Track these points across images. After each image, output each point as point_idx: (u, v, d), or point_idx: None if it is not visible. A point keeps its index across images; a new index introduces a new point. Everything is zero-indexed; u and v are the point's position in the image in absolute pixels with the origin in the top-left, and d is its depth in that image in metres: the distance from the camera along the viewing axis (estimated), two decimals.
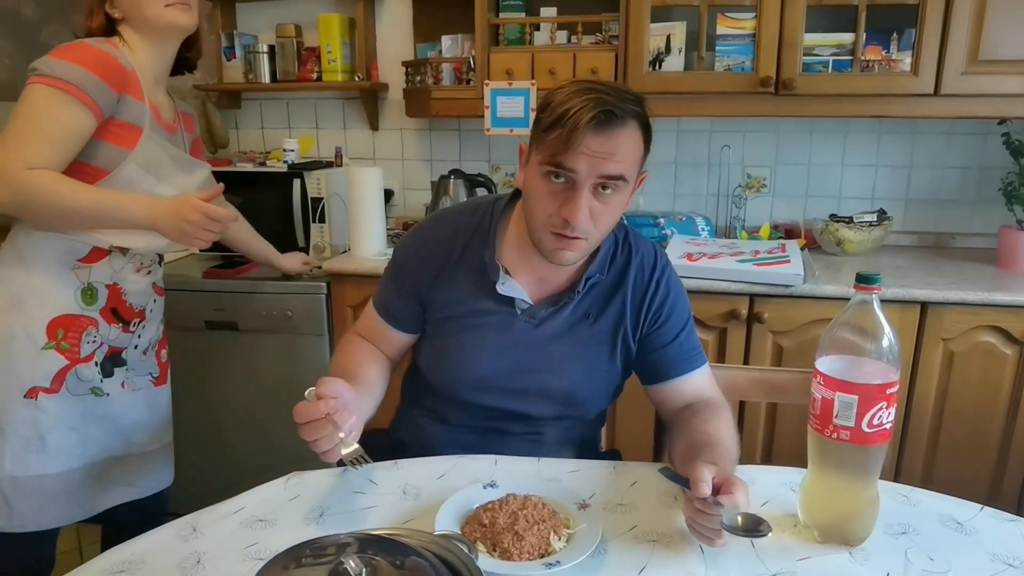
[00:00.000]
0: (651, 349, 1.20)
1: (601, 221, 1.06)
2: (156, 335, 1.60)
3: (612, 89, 1.02)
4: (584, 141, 0.99)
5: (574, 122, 0.98)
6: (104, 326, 1.45)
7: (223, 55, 2.58)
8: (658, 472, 1.01)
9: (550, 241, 1.07)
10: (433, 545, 0.71)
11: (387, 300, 1.24)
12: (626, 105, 1.01)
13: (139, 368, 1.55)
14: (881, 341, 0.89)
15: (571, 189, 1.03)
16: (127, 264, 1.47)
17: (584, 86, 1.02)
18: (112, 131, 1.35)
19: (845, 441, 0.90)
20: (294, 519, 0.98)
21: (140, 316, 1.53)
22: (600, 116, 0.98)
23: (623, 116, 1.01)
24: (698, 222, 2.34)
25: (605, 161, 1.01)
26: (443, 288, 1.18)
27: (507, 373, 1.17)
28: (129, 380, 1.52)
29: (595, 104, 0.99)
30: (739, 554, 0.91)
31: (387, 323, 1.24)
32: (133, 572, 0.87)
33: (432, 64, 2.35)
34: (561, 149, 1.00)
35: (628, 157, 1.03)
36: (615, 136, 1.01)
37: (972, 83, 1.95)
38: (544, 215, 1.06)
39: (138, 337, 1.53)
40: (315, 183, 2.27)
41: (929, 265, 2.11)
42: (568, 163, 1.01)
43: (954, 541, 0.94)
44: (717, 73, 2.09)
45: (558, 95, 1.03)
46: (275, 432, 2.26)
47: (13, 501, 1.39)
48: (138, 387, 1.55)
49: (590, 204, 1.03)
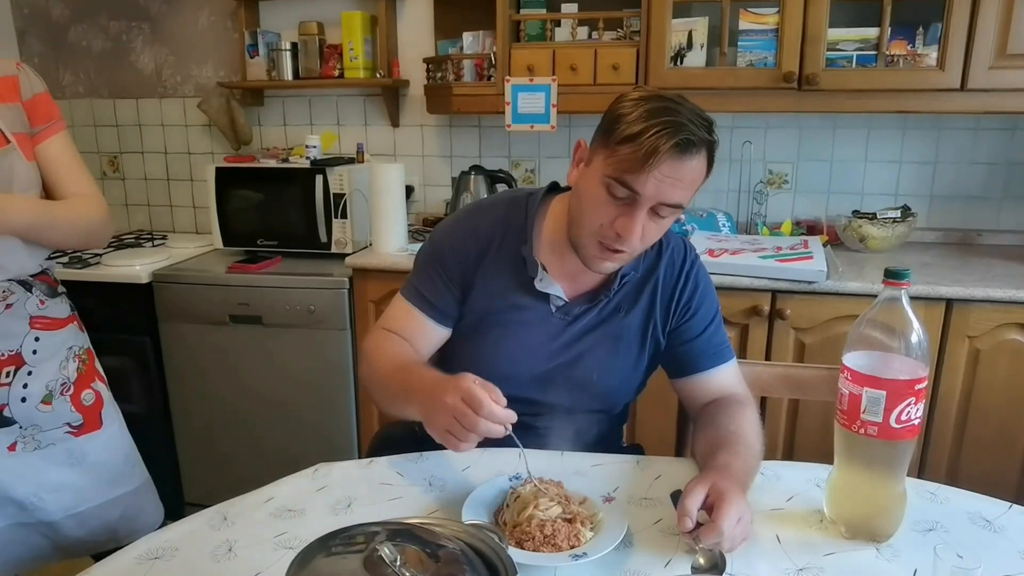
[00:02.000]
0: (680, 342, 1.20)
1: (648, 238, 1.06)
2: (61, 377, 1.31)
3: (688, 111, 1.00)
4: (659, 166, 0.97)
5: (652, 145, 0.96)
6: None
7: (247, 53, 2.60)
8: (669, 497, 0.99)
9: (594, 249, 1.07)
10: (464, 535, 0.71)
11: (428, 291, 1.19)
12: (701, 133, 0.99)
13: (44, 422, 1.29)
14: (910, 337, 0.89)
15: (630, 206, 1.02)
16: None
17: (662, 104, 0.99)
18: None
19: (873, 437, 0.90)
20: (322, 509, 0.99)
21: (14, 363, 1.25)
22: (681, 143, 0.97)
23: (699, 144, 0.99)
24: (719, 218, 2.33)
25: (672, 188, 1.00)
26: (484, 279, 1.17)
27: (539, 368, 1.18)
28: (27, 438, 1.27)
29: (676, 130, 0.96)
30: (765, 549, 0.91)
31: (426, 315, 1.19)
32: (168, 559, 0.89)
33: (453, 61, 2.36)
34: (632, 168, 0.98)
35: (691, 185, 1.02)
36: (687, 164, 0.99)
37: (1000, 77, 1.93)
38: (595, 224, 1.05)
39: (23, 388, 1.26)
40: (337, 179, 2.29)
41: (955, 262, 2.09)
42: (636, 184, 0.99)
43: (983, 539, 0.94)
44: (739, 69, 2.08)
45: (634, 108, 1.00)
46: (300, 424, 2.29)
47: None
48: (46, 443, 1.29)
49: (644, 223, 1.03)
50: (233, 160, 2.44)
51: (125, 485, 1.41)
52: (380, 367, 1.14)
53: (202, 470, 2.42)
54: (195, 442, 2.40)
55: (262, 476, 1.10)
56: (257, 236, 2.39)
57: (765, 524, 0.96)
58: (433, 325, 1.21)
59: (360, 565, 0.63)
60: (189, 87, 2.80)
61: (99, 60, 2.82)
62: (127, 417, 1.49)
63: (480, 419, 0.89)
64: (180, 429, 2.40)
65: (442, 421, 0.93)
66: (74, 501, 1.33)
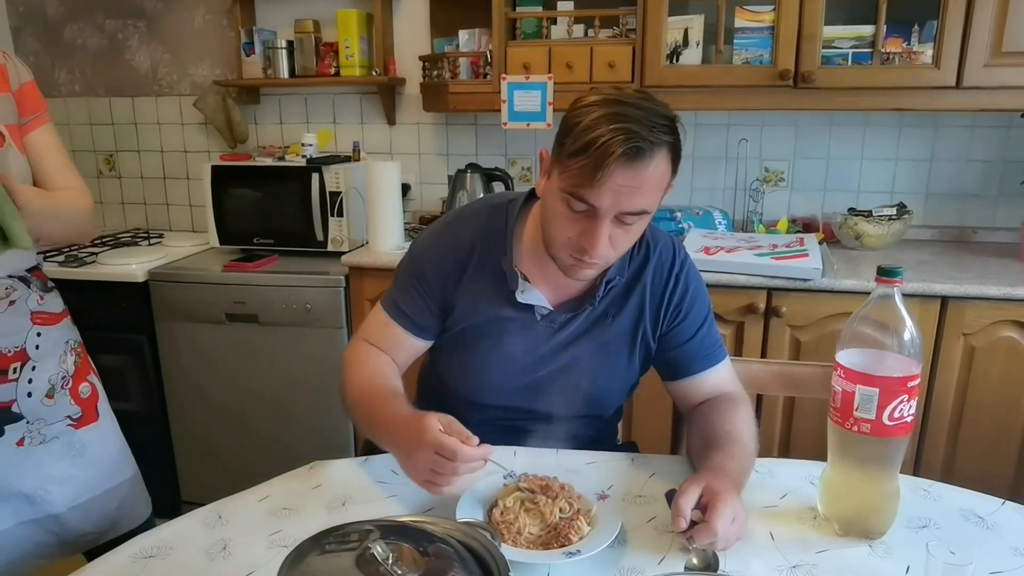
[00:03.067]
0: (671, 347, 1.18)
1: (620, 245, 1.03)
2: (61, 371, 1.33)
3: (643, 114, 0.94)
4: (610, 177, 0.93)
5: (601, 155, 0.92)
6: None
7: (242, 51, 2.60)
8: (663, 497, 0.99)
9: (568, 260, 1.04)
10: (457, 532, 0.71)
11: (406, 306, 1.17)
12: (656, 135, 0.94)
13: (48, 416, 1.30)
14: (903, 334, 0.89)
15: (591, 219, 0.99)
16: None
17: (613, 111, 0.94)
18: None
19: (866, 434, 0.90)
20: (317, 507, 1.00)
21: (20, 359, 1.25)
22: (629, 152, 0.92)
23: (652, 148, 0.94)
24: (715, 216, 2.34)
25: (631, 196, 0.96)
26: (465, 293, 1.15)
27: (528, 376, 1.17)
28: (33, 433, 1.28)
29: (625, 137, 0.92)
30: (759, 547, 0.92)
31: (405, 329, 1.18)
32: (162, 557, 0.89)
33: (449, 59, 2.36)
34: (585, 182, 0.95)
35: (654, 189, 0.98)
36: (642, 171, 0.94)
37: (995, 75, 1.93)
38: (563, 237, 1.02)
39: (28, 383, 1.26)
40: (333, 177, 2.29)
41: (950, 259, 2.09)
42: (591, 198, 0.96)
43: (976, 535, 0.94)
44: (735, 66, 2.08)
45: (584, 116, 0.96)
46: (297, 423, 2.29)
47: None
48: (50, 436, 1.31)
49: (610, 232, 0.99)
50: (229, 158, 2.44)
51: (120, 475, 1.43)
52: (352, 389, 1.13)
53: (198, 468, 2.41)
54: (191, 440, 2.40)
55: (258, 474, 1.10)
56: (253, 235, 2.39)
57: (759, 521, 0.96)
58: (411, 338, 1.19)
59: (352, 563, 0.64)
60: (185, 85, 2.79)
61: (95, 58, 2.82)
62: (124, 415, 1.50)
63: (458, 465, 0.90)
64: (176, 427, 2.40)
65: (421, 475, 0.95)
66: (77, 492, 1.34)
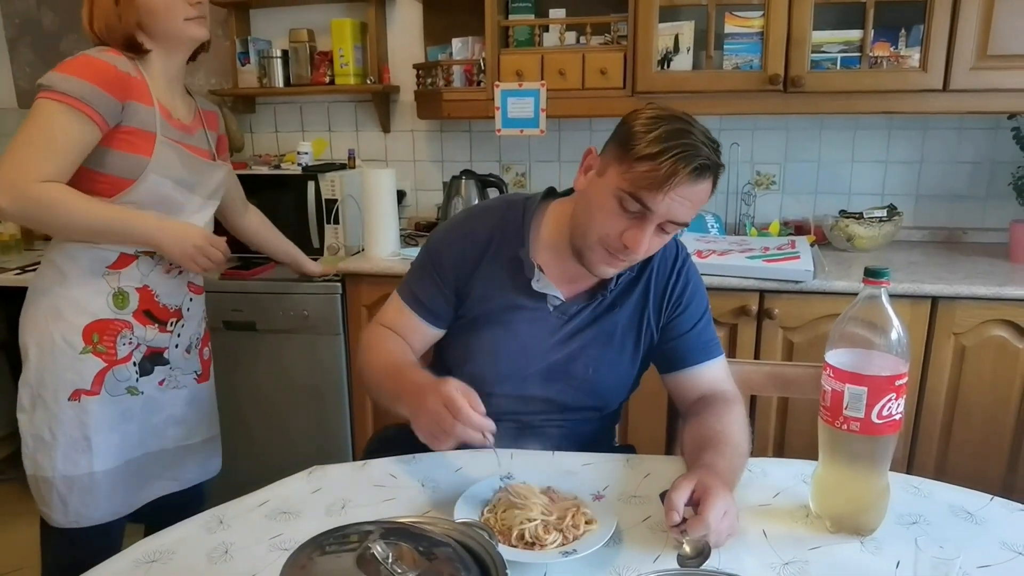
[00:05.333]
0: (670, 337, 1.23)
1: (651, 250, 1.12)
2: (198, 332, 1.64)
3: (701, 134, 1.04)
4: (675, 188, 1.02)
5: (672, 168, 1.00)
6: (139, 328, 1.49)
7: (238, 60, 2.62)
8: (658, 498, 1.00)
9: (599, 255, 1.11)
10: (455, 532, 0.73)
11: (422, 293, 1.23)
12: (714, 157, 1.04)
13: (183, 367, 1.60)
14: (890, 334, 0.91)
15: (640, 220, 1.06)
16: (156, 267, 1.50)
17: (678, 127, 1.03)
18: (123, 139, 1.37)
19: (855, 432, 0.92)
20: (317, 511, 1.01)
21: (176, 316, 1.56)
22: (698, 168, 1.02)
23: (711, 169, 1.04)
24: (707, 219, 2.36)
25: (681, 207, 1.05)
26: (481, 281, 1.21)
27: (536, 365, 1.21)
28: (171, 378, 1.57)
29: (694, 155, 1.01)
30: (752, 544, 0.93)
31: (420, 317, 1.24)
32: (164, 562, 0.90)
33: (443, 66, 2.38)
34: (651, 187, 1.02)
35: (699, 205, 1.08)
36: (698, 187, 1.04)
37: (981, 78, 1.96)
38: (602, 232, 1.09)
39: (178, 336, 1.57)
40: (329, 185, 2.30)
41: (940, 260, 2.12)
42: (650, 202, 1.03)
43: (965, 530, 0.96)
44: (726, 72, 2.11)
45: (652, 127, 1.03)
46: (295, 429, 2.30)
47: (68, 499, 1.46)
48: (181, 385, 1.60)
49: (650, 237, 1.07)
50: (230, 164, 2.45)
51: (213, 429, 1.73)
52: (375, 366, 1.19)
53: None
54: None
55: (258, 481, 1.11)
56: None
57: (752, 519, 0.98)
58: (425, 325, 1.24)
59: (353, 563, 0.65)
60: None
61: None
62: None
63: (457, 423, 0.95)
64: None
65: (424, 423, 1.00)
66: (186, 434, 1.63)
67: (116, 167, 1.38)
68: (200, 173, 1.52)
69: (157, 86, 1.43)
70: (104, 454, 1.47)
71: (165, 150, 1.42)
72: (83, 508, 1.47)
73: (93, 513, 1.48)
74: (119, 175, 1.39)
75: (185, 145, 1.47)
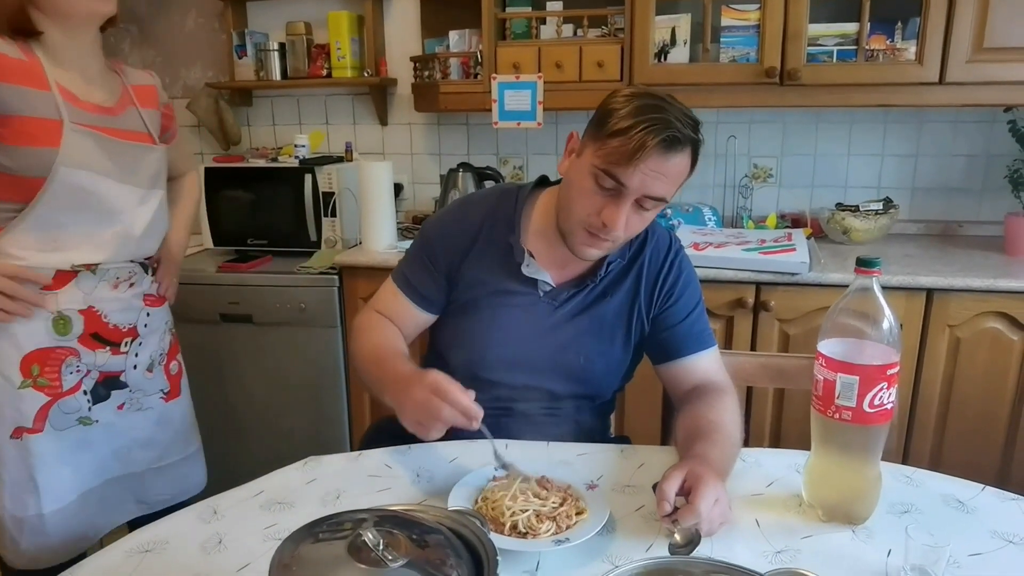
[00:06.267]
0: (663, 328, 1.23)
1: (632, 228, 1.12)
2: (160, 348, 1.49)
3: (677, 111, 1.05)
4: (645, 160, 1.02)
5: (641, 140, 1.01)
6: (87, 353, 1.35)
7: (235, 53, 2.61)
8: (651, 489, 1.00)
9: (581, 236, 1.12)
10: (448, 520, 0.73)
11: (414, 278, 1.25)
12: (687, 131, 1.04)
13: (146, 387, 1.46)
14: (881, 324, 0.91)
15: (616, 197, 1.07)
16: (100, 282, 1.34)
17: (651, 102, 1.05)
18: (18, 132, 1.21)
19: (847, 422, 0.92)
20: (311, 501, 1.01)
21: (131, 334, 1.41)
22: (667, 139, 1.02)
23: (684, 142, 1.04)
24: (705, 212, 2.36)
25: (656, 182, 1.05)
26: (472, 267, 1.22)
27: (527, 352, 1.21)
28: (133, 401, 1.44)
29: (663, 127, 1.02)
30: (744, 533, 0.94)
31: (412, 301, 1.25)
32: (158, 552, 0.91)
33: (440, 59, 2.38)
34: (620, 161, 1.03)
35: (675, 180, 1.08)
36: (671, 160, 1.04)
37: (978, 71, 1.96)
38: (583, 212, 1.10)
39: (135, 356, 1.42)
40: (326, 178, 2.30)
41: (936, 253, 2.12)
42: (623, 177, 1.04)
43: (955, 519, 0.97)
44: (722, 64, 2.11)
45: (625, 104, 1.05)
46: (292, 422, 2.30)
47: (19, 540, 1.36)
48: (146, 407, 1.47)
49: (628, 214, 1.08)
50: (222, 160, 2.45)
51: (191, 446, 1.60)
52: (363, 353, 1.21)
53: None
54: None
55: (254, 473, 1.10)
56: (247, 235, 2.40)
57: (745, 509, 0.98)
58: (417, 310, 1.26)
59: (345, 550, 0.65)
60: (177, 88, 2.80)
61: None
62: None
63: (445, 406, 0.95)
64: None
65: (411, 412, 1.00)
66: (158, 457, 1.51)
67: (20, 165, 1.22)
68: (132, 159, 1.35)
69: (57, 68, 1.27)
70: (53, 493, 1.35)
71: (77, 138, 1.26)
72: (36, 550, 1.36)
73: (47, 555, 1.37)
74: (26, 174, 1.23)
75: (106, 130, 1.31)
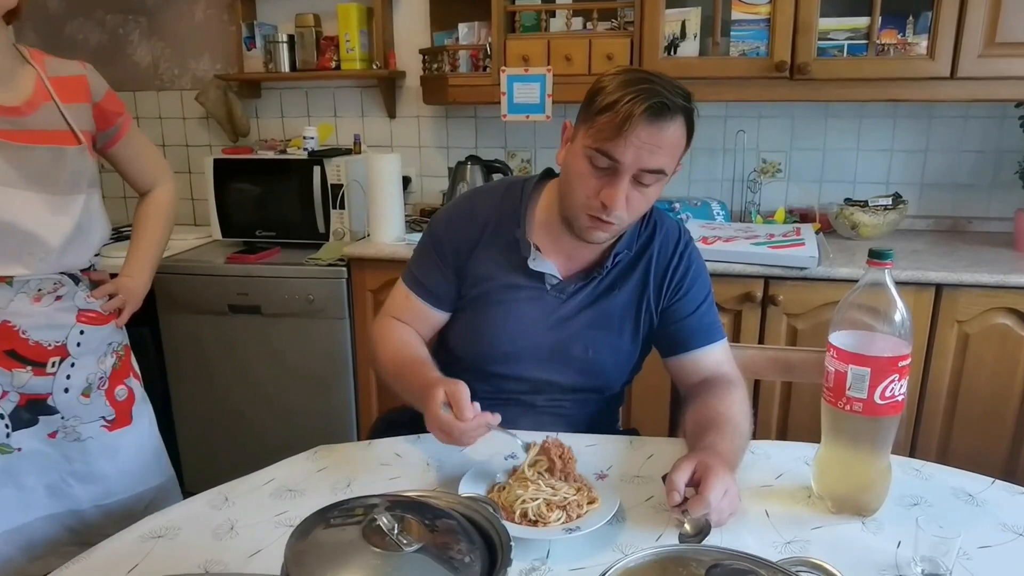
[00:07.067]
0: (672, 321, 1.23)
1: (635, 208, 1.09)
2: (100, 371, 1.33)
3: (664, 81, 1.04)
4: (635, 131, 1.01)
5: (627, 111, 1.00)
6: (3, 373, 1.21)
7: (243, 45, 2.61)
8: (660, 479, 1.00)
9: (584, 221, 1.11)
10: (460, 506, 0.73)
11: (424, 276, 1.24)
12: (677, 99, 1.02)
13: (82, 414, 1.30)
14: (893, 316, 0.91)
15: (612, 175, 1.05)
16: (18, 294, 1.21)
17: (638, 76, 1.04)
18: None
19: (858, 413, 0.92)
20: (322, 489, 1.02)
21: (59, 353, 1.26)
22: (654, 107, 1.00)
23: (674, 110, 1.02)
24: (713, 207, 2.35)
25: (651, 154, 1.03)
26: (479, 261, 1.21)
27: (536, 345, 1.21)
28: (67, 429, 1.29)
29: (648, 95, 1.00)
30: (754, 524, 0.94)
31: (424, 301, 1.24)
32: (170, 538, 0.91)
33: (449, 51, 2.38)
34: (610, 136, 1.02)
35: (671, 151, 1.05)
36: (664, 129, 1.02)
37: (989, 66, 1.95)
38: (583, 196, 1.08)
39: (66, 378, 1.27)
40: (335, 170, 2.31)
41: (944, 248, 2.11)
42: (615, 152, 1.03)
43: (965, 512, 0.97)
44: (732, 58, 2.10)
45: (611, 82, 1.04)
46: (298, 412, 2.31)
47: None
48: (84, 436, 1.30)
49: (628, 192, 1.06)
50: (231, 152, 2.46)
51: (151, 480, 1.42)
52: (385, 365, 1.21)
53: (202, 459, 2.44)
54: (195, 431, 2.42)
55: (262, 464, 1.11)
56: (256, 227, 2.41)
57: (755, 500, 0.99)
58: (431, 309, 1.25)
59: (359, 535, 0.65)
60: (186, 80, 2.81)
61: (96, 54, 2.83)
62: None
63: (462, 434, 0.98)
64: (180, 418, 2.42)
65: (437, 436, 1.02)
66: (105, 492, 1.35)
67: None
68: (42, 163, 1.20)
69: None
70: None
71: None
72: None
73: None
74: None
75: (12, 133, 1.17)
